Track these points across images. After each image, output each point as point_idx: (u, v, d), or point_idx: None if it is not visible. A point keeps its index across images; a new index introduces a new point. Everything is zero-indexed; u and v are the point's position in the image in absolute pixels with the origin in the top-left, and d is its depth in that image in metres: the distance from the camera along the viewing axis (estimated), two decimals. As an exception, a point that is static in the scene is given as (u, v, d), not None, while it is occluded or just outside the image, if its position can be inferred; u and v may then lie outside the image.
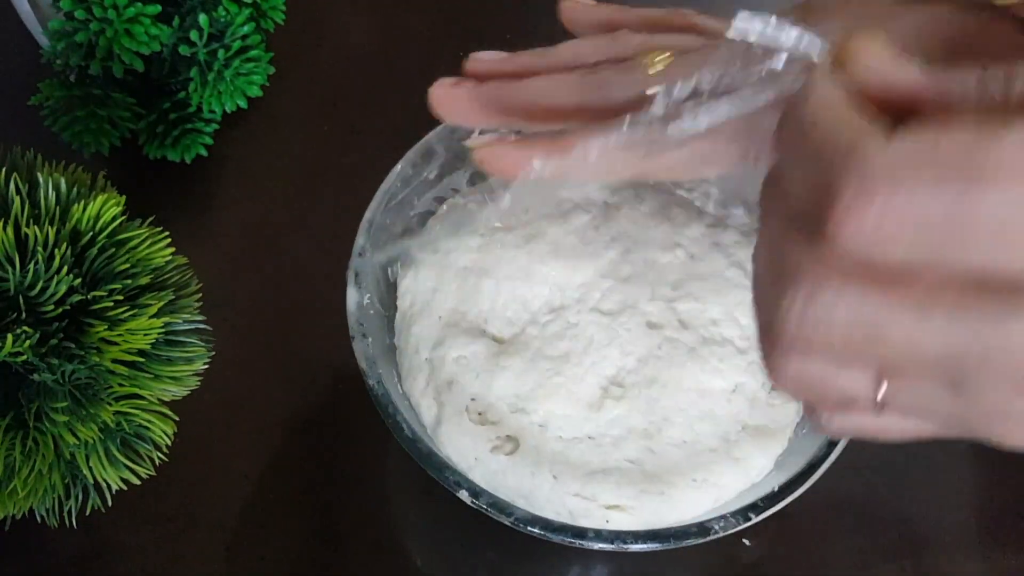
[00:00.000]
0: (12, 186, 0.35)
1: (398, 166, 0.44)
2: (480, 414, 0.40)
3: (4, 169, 0.36)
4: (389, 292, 0.43)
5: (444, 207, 0.46)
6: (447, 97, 0.34)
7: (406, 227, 0.45)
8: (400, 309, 0.43)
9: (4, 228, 0.34)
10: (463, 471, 0.39)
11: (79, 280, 0.35)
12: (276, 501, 0.45)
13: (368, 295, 0.41)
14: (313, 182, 0.54)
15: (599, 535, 0.35)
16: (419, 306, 0.43)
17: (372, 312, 0.41)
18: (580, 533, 0.35)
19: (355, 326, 0.40)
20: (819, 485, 0.46)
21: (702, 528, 0.36)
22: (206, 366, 0.38)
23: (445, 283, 0.43)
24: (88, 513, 0.38)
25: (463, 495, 0.36)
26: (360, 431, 0.46)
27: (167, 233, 0.38)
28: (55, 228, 0.35)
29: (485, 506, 0.36)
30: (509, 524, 0.35)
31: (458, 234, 0.44)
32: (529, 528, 0.35)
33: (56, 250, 0.34)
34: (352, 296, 0.40)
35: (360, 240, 0.42)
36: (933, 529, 0.45)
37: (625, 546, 0.35)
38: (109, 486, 0.37)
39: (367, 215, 0.42)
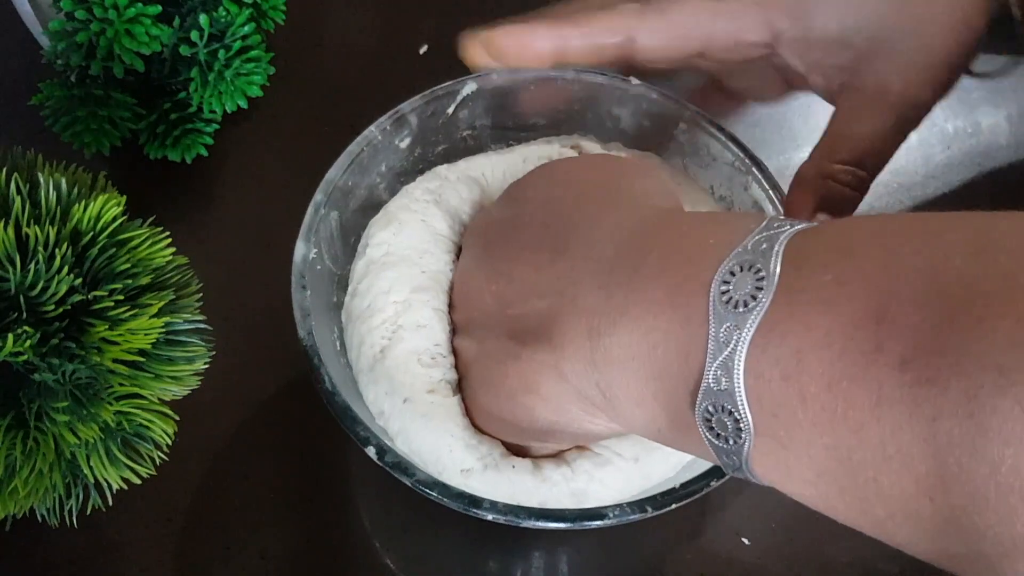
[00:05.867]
0: (13, 186, 0.35)
1: (366, 130, 0.44)
2: (433, 359, 0.40)
3: (5, 169, 0.36)
4: (345, 251, 0.44)
5: (426, 176, 0.46)
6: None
7: (372, 190, 0.45)
8: (369, 256, 0.43)
9: (5, 228, 0.34)
10: (389, 414, 0.39)
11: (80, 280, 0.35)
12: (276, 501, 0.45)
13: (315, 250, 0.41)
14: (313, 182, 0.54)
15: (494, 507, 0.35)
16: (397, 257, 0.42)
17: (319, 267, 0.41)
18: (475, 502, 0.35)
19: (297, 278, 0.40)
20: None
21: (597, 514, 0.36)
22: (207, 366, 0.38)
23: (434, 246, 0.43)
24: (89, 513, 0.38)
25: (370, 451, 0.36)
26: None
27: (168, 233, 0.38)
28: (56, 228, 0.35)
29: (389, 465, 0.36)
30: (410, 485, 0.36)
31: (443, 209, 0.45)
32: (427, 491, 0.36)
33: (57, 250, 0.34)
34: (300, 249, 0.41)
35: (318, 197, 0.42)
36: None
37: (518, 521, 0.35)
38: (110, 485, 0.37)
39: (328, 174, 0.42)
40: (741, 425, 0.27)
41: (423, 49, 0.60)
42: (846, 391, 0.25)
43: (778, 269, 0.27)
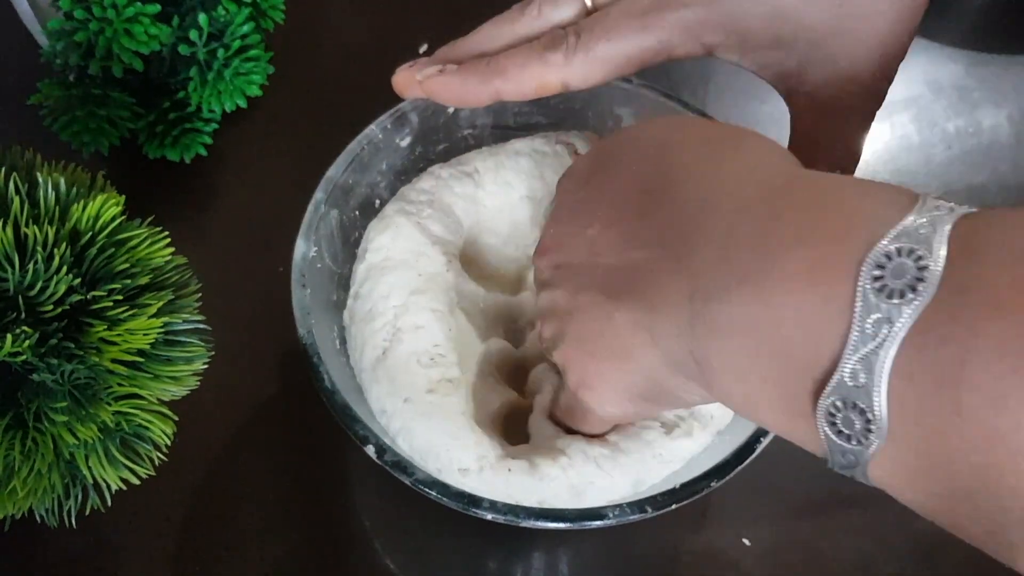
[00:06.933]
0: (12, 186, 0.35)
1: (367, 128, 0.44)
2: (432, 359, 0.40)
3: (4, 169, 0.36)
4: (345, 249, 0.44)
5: (421, 177, 0.46)
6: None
7: (372, 189, 0.45)
8: (369, 261, 0.43)
9: (4, 228, 0.34)
10: (391, 412, 0.39)
11: (78, 280, 0.35)
12: (276, 501, 0.45)
13: (315, 249, 0.41)
14: (312, 182, 0.54)
15: (493, 506, 0.35)
16: (395, 262, 0.43)
17: (319, 266, 0.41)
18: (475, 502, 0.35)
19: (297, 276, 0.40)
20: (819, 485, 0.46)
21: (597, 514, 0.36)
22: (205, 366, 0.38)
23: (429, 248, 0.43)
24: (88, 513, 0.38)
25: (369, 450, 0.36)
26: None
27: (166, 233, 0.38)
28: (54, 228, 0.35)
29: (388, 464, 0.36)
30: (409, 484, 0.36)
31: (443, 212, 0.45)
32: (426, 490, 0.36)
33: (55, 250, 0.34)
34: (300, 247, 0.41)
35: (318, 195, 0.42)
36: (933, 528, 0.45)
37: (518, 521, 0.35)
38: (108, 486, 0.37)
39: (329, 172, 0.43)
40: (872, 427, 0.24)
41: (423, 48, 0.59)
42: (1014, 411, 0.22)
43: (943, 258, 0.23)
